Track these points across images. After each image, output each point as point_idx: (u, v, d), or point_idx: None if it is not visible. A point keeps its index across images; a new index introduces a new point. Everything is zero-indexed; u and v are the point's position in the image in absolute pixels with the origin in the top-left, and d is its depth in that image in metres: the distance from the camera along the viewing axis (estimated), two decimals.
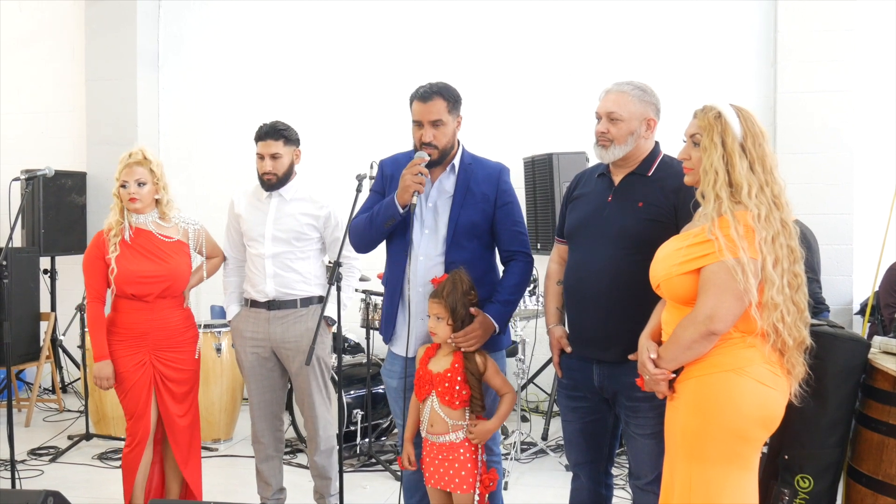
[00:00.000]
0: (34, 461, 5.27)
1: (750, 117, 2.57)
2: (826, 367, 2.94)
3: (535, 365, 6.13)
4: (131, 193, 3.78)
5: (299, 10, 6.98)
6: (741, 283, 2.39)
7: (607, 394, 3.03)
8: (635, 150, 3.01)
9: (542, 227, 6.12)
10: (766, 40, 6.22)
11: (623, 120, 2.98)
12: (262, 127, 3.97)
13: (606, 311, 2.95)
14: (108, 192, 6.85)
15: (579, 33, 6.52)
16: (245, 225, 4.00)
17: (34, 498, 3.23)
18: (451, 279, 3.14)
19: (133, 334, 3.79)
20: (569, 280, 3.13)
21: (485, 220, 3.28)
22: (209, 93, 7.20)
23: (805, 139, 6.01)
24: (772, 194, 2.50)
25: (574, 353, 3.12)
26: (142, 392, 3.78)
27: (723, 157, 2.52)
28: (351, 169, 4.31)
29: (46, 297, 6.69)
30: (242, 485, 4.62)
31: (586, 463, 3.19)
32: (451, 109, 3.23)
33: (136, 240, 3.80)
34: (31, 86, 7.40)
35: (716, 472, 2.49)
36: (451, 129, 3.25)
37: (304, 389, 3.99)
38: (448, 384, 3.11)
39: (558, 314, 3.24)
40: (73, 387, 7.00)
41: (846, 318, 5.93)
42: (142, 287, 3.76)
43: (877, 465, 2.97)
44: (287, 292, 3.95)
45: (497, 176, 3.35)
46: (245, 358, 4.02)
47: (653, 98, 3.04)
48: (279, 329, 3.94)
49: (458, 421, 3.14)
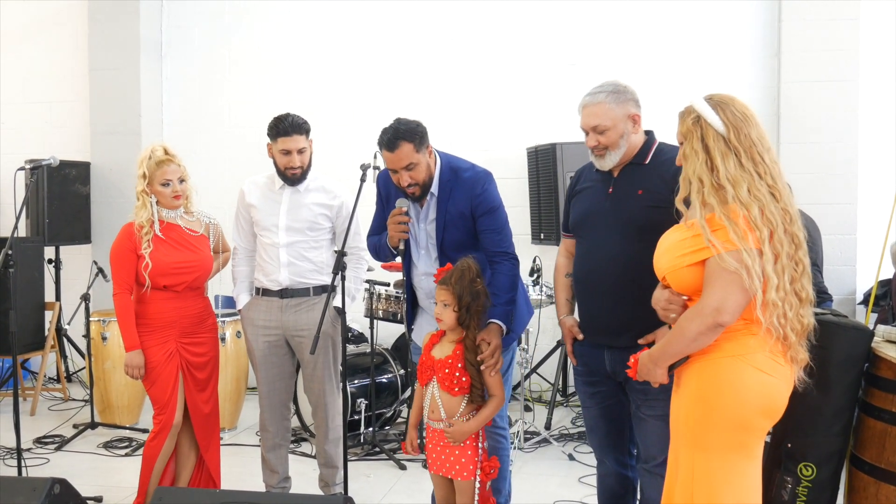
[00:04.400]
0: (40, 450, 5.30)
1: (729, 107, 2.49)
2: (829, 356, 2.94)
3: (539, 355, 6.15)
4: (176, 191, 3.84)
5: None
6: (745, 279, 2.37)
7: (619, 378, 3.08)
8: (630, 146, 3.07)
9: (545, 217, 6.12)
10: (770, 30, 6.21)
11: (609, 128, 3.02)
12: (281, 122, 3.89)
13: (615, 298, 3.01)
14: (113, 182, 7.00)
15: (582, 23, 6.51)
16: (258, 215, 4.02)
17: (40, 485, 3.25)
18: (458, 267, 3.17)
19: (160, 325, 3.85)
20: (578, 271, 3.20)
21: (467, 234, 3.40)
22: (213, 83, 7.20)
23: (809, 129, 6.00)
24: (767, 186, 2.44)
25: (586, 340, 3.18)
26: (169, 382, 3.84)
27: (706, 162, 2.46)
28: (355, 158, 4.32)
29: (51, 286, 6.70)
30: (247, 473, 4.64)
31: (610, 447, 3.26)
32: (418, 148, 3.28)
33: (167, 233, 3.86)
34: (35, 76, 7.40)
35: (718, 461, 2.48)
36: (424, 164, 3.32)
37: (318, 377, 4.01)
38: (448, 370, 3.14)
39: (569, 305, 3.32)
40: (78, 376, 7.03)
41: (849, 308, 5.93)
42: (175, 277, 3.84)
43: (879, 453, 2.98)
44: (301, 281, 3.98)
45: (472, 188, 3.37)
46: (256, 346, 4.05)
47: (627, 93, 3.06)
48: (292, 317, 3.97)
49: (456, 407, 3.16)
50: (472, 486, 3.15)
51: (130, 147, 6.88)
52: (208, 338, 4.00)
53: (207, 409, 3.98)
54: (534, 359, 5.97)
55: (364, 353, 5.52)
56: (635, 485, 3.32)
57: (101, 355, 5.70)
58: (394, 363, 5.55)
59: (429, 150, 3.35)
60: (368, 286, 5.26)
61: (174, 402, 3.85)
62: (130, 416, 5.79)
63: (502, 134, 6.57)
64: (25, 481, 3.48)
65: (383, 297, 5.21)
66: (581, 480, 4.61)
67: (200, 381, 3.95)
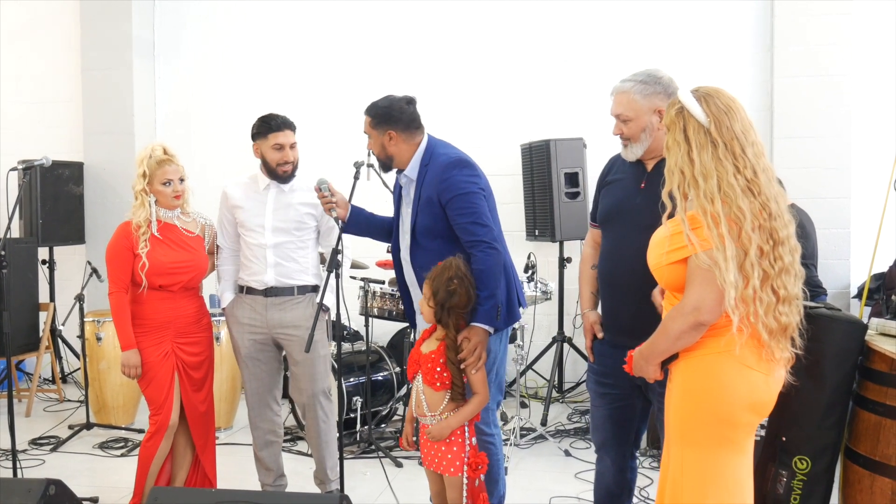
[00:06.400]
0: (35, 451, 5.28)
1: (714, 98, 2.45)
2: (823, 350, 2.95)
3: (534, 351, 6.15)
4: (177, 191, 3.84)
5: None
6: (719, 278, 2.33)
7: (639, 380, 2.94)
8: (657, 141, 2.96)
9: (539, 214, 6.12)
10: (763, 25, 6.21)
11: (632, 119, 2.97)
12: (273, 119, 3.94)
13: (639, 299, 2.86)
14: (106, 182, 6.99)
15: (575, 20, 6.51)
16: (243, 215, 4.00)
17: (36, 486, 3.24)
18: (441, 264, 3.20)
19: (156, 325, 3.84)
20: (603, 267, 3.13)
21: (437, 221, 3.34)
22: (205, 82, 7.19)
23: (802, 124, 6.01)
24: (745, 180, 2.38)
25: (606, 339, 3.12)
26: (165, 382, 3.83)
27: (687, 153, 2.43)
28: (346, 157, 4.31)
29: (45, 287, 6.70)
30: (243, 472, 4.63)
31: (612, 446, 3.22)
32: (374, 125, 3.46)
33: (164, 233, 3.86)
34: (28, 76, 7.39)
35: (706, 456, 2.47)
36: (377, 141, 3.47)
37: (307, 376, 3.99)
38: (431, 364, 3.16)
39: (593, 299, 3.24)
40: (73, 377, 7.01)
41: (844, 302, 5.94)
42: (171, 277, 3.83)
43: (874, 445, 2.99)
44: (286, 281, 3.98)
45: (440, 173, 3.33)
46: (242, 344, 4.05)
47: (658, 86, 2.96)
48: (277, 314, 3.97)
49: (438, 403, 3.17)
50: (459, 481, 3.16)
51: (123, 147, 6.88)
52: (203, 337, 4.00)
53: (203, 409, 3.99)
54: (529, 355, 5.97)
55: (359, 352, 5.52)
56: (632, 486, 3.29)
57: (96, 356, 5.68)
58: (389, 361, 5.54)
59: (389, 135, 3.42)
60: (363, 284, 5.27)
61: (170, 402, 3.84)
62: (126, 416, 5.78)
63: (496, 130, 6.57)
64: (21, 482, 3.48)
65: (378, 294, 5.21)
66: (577, 476, 4.62)
67: (196, 381, 3.95)
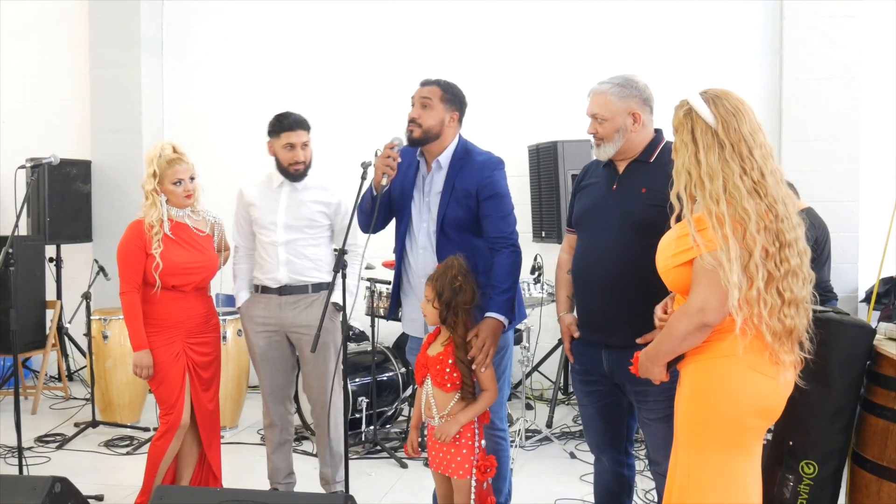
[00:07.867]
0: (41, 448, 5.30)
1: (722, 100, 2.45)
2: (831, 354, 2.93)
3: (540, 353, 6.14)
4: (188, 190, 3.83)
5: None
6: (723, 279, 2.33)
7: (617, 379, 3.06)
8: (629, 143, 3.04)
9: (546, 215, 6.12)
10: (772, 28, 6.20)
11: (607, 119, 3.03)
12: (286, 117, 3.96)
13: (612, 296, 2.98)
14: (113, 180, 7.00)
15: (584, 21, 6.50)
16: (257, 213, 4.02)
17: (42, 484, 3.25)
18: (443, 263, 3.19)
19: (167, 325, 3.83)
20: (576, 266, 3.18)
21: (469, 215, 3.35)
22: (213, 81, 7.20)
23: (811, 126, 5.99)
24: (752, 181, 2.38)
25: (583, 338, 3.16)
26: (177, 382, 3.83)
27: (694, 155, 2.43)
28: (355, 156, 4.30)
29: (52, 285, 6.71)
30: (249, 472, 4.64)
31: (606, 445, 3.25)
32: (444, 99, 3.35)
33: (176, 233, 3.85)
34: (36, 75, 7.40)
35: (713, 460, 2.46)
36: (438, 115, 3.34)
37: (317, 375, 4.02)
38: (439, 366, 3.15)
39: (569, 302, 3.29)
40: (79, 374, 7.01)
41: (852, 306, 5.92)
42: (184, 277, 3.82)
43: (881, 450, 2.97)
44: (299, 279, 3.99)
45: (481, 170, 3.36)
46: (256, 342, 4.06)
47: (635, 90, 3.04)
48: (291, 313, 3.98)
49: (447, 404, 3.16)
50: (468, 484, 3.15)
51: (131, 145, 6.89)
52: (212, 337, 4.00)
53: (211, 408, 3.99)
54: (535, 357, 5.96)
55: (365, 352, 5.52)
56: (631, 483, 3.32)
57: (103, 354, 5.69)
58: (395, 361, 5.54)
59: (453, 115, 3.37)
60: (369, 284, 5.27)
61: (181, 402, 3.84)
62: (131, 414, 5.79)
63: (503, 132, 6.55)
64: (26, 480, 3.49)
65: (384, 295, 5.20)
66: (582, 478, 4.60)
67: (205, 381, 3.95)
